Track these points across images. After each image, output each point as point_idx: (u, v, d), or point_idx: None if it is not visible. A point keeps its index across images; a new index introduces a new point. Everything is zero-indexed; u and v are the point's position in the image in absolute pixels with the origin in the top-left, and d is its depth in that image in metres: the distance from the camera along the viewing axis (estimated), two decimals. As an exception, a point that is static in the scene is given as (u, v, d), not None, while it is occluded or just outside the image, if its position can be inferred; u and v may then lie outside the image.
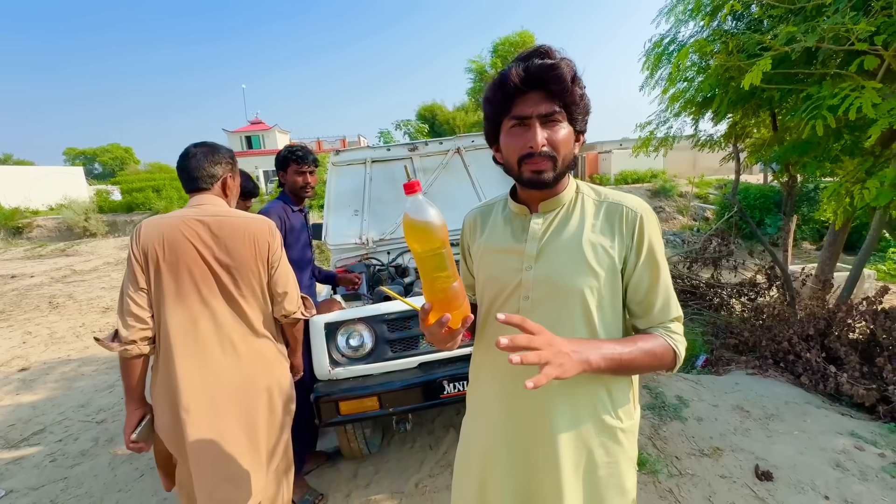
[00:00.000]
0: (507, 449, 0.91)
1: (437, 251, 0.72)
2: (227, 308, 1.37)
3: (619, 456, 0.88)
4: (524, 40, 15.43)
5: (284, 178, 2.14)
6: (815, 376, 2.86)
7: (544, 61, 0.75)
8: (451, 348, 0.83)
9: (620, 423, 0.88)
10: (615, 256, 0.82)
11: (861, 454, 2.12)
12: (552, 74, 0.75)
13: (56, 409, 3.23)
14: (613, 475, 0.87)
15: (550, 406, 0.86)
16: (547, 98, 0.77)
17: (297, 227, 2.13)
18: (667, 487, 1.99)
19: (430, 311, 0.75)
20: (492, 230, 0.94)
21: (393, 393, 1.86)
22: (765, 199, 11.46)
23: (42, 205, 17.14)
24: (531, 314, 0.84)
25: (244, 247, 1.35)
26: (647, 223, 0.83)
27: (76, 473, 2.43)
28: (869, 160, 3.05)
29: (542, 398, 0.86)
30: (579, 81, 0.79)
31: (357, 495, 2.10)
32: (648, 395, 2.76)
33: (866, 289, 5.92)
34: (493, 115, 0.83)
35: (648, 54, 4.11)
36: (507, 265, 0.88)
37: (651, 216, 0.85)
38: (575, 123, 0.81)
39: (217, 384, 1.35)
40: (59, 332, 5.12)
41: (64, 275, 8.54)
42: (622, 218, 0.83)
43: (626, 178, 17.96)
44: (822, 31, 2.30)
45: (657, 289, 0.83)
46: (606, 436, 0.87)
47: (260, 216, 1.45)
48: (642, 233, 0.83)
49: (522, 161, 0.80)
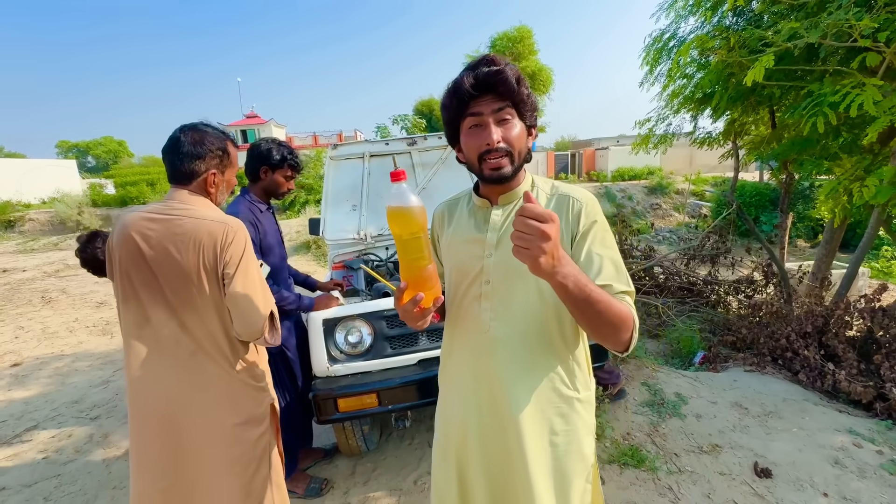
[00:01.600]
0: (477, 422, 0.98)
1: (416, 235, 0.80)
2: (168, 319, 1.22)
3: (577, 424, 0.95)
4: (521, 35, 15.34)
5: (266, 174, 1.92)
6: (813, 373, 2.88)
7: (491, 68, 0.86)
8: (421, 327, 0.91)
9: (577, 393, 0.96)
10: (565, 240, 0.90)
11: (859, 451, 2.12)
12: (499, 78, 0.85)
13: (49, 405, 3.19)
14: (573, 442, 0.95)
15: (512, 379, 0.93)
16: (497, 99, 0.87)
17: (271, 229, 1.93)
18: (666, 484, 1.99)
19: (406, 290, 0.83)
20: (458, 222, 1.03)
21: (392, 390, 1.84)
22: (760, 197, 11.52)
23: (34, 198, 16.92)
24: (492, 297, 0.94)
25: (187, 253, 1.19)
26: (591, 210, 0.93)
27: (70, 470, 2.40)
28: (868, 158, 3.06)
29: (505, 372, 0.94)
30: (524, 82, 0.89)
31: (355, 492, 2.09)
32: (647, 392, 2.77)
33: (861, 286, 5.97)
34: (452, 120, 0.92)
35: (648, 50, 4.09)
36: (471, 253, 0.97)
37: (594, 204, 0.94)
38: (525, 119, 0.91)
39: (152, 402, 1.23)
40: (52, 327, 5.06)
41: (57, 269, 8.44)
42: (569, 207, 0.93)
43: (622, 175, 17.97)
44: (825, 28, 2.28)
45: (606, 264, 0.88)
46: (565, 405, 0.94)
47: (226, 219, 1.25)
48: (588, 218, 0.91)
49: (482, 158, 0.89)
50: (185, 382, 1.24)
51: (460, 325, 1.00)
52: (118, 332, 4.76)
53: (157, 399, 1.24)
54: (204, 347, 1.24)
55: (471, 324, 0.97)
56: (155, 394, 1.24)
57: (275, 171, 1.93)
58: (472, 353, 0.98)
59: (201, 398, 1.25)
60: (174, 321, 1.23)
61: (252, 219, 1.81)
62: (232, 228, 1.24)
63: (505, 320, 0.93)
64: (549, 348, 0.94)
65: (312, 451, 2.32)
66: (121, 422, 2.87)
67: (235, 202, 1.88)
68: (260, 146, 1.92)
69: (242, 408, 1.31)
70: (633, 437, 2.35)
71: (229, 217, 1.28)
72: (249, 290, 1.23)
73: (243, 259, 1.24)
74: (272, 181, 1.94)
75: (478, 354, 0.96)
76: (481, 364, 0.96)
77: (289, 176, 1.98)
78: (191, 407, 1.25)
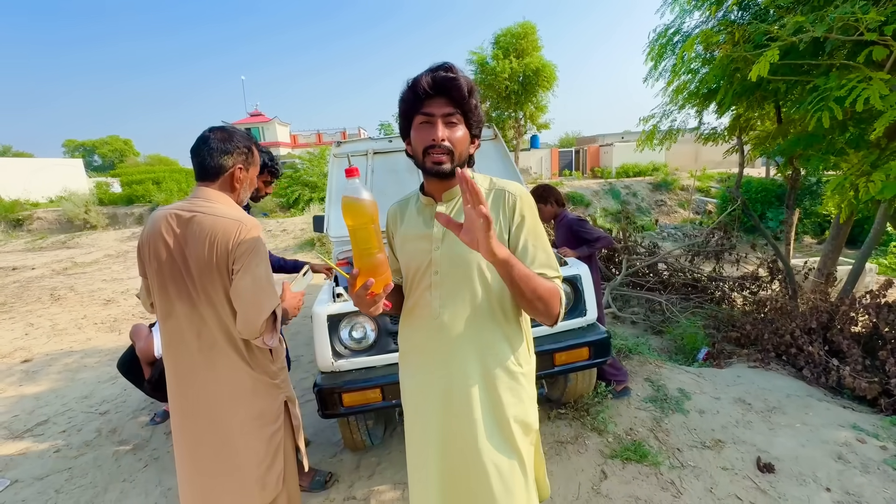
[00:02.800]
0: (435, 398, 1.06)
1: (367, 226, 0.88)
2: (190, 312, 1.28)
3: (522, 395, 1.06)
4: (525, 31, 15.24)
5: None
6: (818, 369, 2.87)
7: (447, 74, 0.95)
8: (373, 313, 0.96)
9: (521, 368, 1.07)
10: (502, 231, 1.01)
11: (863, 447, 2.12)
12: (453, 84, 0.95)
13: (59, 400, 3.24)
14: (520, 413, 1.05)
15: (463, 358, 1.03)
16: (448, 103, 0.96)
17: None
18: (668, 479, 2.00)
19: (358, 277, 0.90)
20: (408, 220, 1.13)
21: (396, 385, 1.86)
22: (766, 193, 11.42)
23: (42, 197, 17.08)
24: (441, 286, 1.04)
25: (203, 249, 1.24)
26: (524, 203, 1.03)
27: (80, 464, 2.45)
28: (875, 153, 3.03)
29: (456, 352, 1.04)
30: (475, 95, 0.99)
31: (360, 486, 2.11)
32: (650, 387, 2.77)
33: (867, 283, 5.92)
34: (406, 113, 1.01)
35: (652, 45, 4.06)
36: (421, 248, 1.07)
37: (527, 198, 1.04)
38: (471, 128, 1.01)
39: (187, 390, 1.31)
40: (61, 323, 5.13)
41: (65, 267, 8.54)
42: (504, 200, 1.03)
43: (627, 171, 17.85)
44: (831, 21, 2.26)
45: (539, 254, 1.00)
46: (511, 380, 1.05)
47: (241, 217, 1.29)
48: (522, 211, 1.02)
49: (426, 152, 0.97)
50: (204, 374, 1.30)
51: (416, 311, 1.10)
52: (126, 329, 4.82)
53: (182, 389, 1.31)
54: (221, 341, 1.30)
55: (424, 310, 1.07)
56: (181, 383, 1.31)
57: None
58: (426, 336, 1.07)
59: (218, 390, 1.31)
60: (196, 314, 1.28)
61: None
62: (245, 227, 1.28)
63: (453, 306, 1.03)
64: (493, 328, 1.04)
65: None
66: (129, 417, 2.92)
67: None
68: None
69: (256, 403, 1.35)
70: (635, 432, 2.36)
71: (246, 215, 1.32)
72: (252, 288, 1.25)
73: (251, 257, 1.27)
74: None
75: (432, 338, 1.06)
76: (435, 346, 1.06)
77: (267, 181, 1.96)
78: (209, 399, 1.30)
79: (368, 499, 2.02)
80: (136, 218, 14.93)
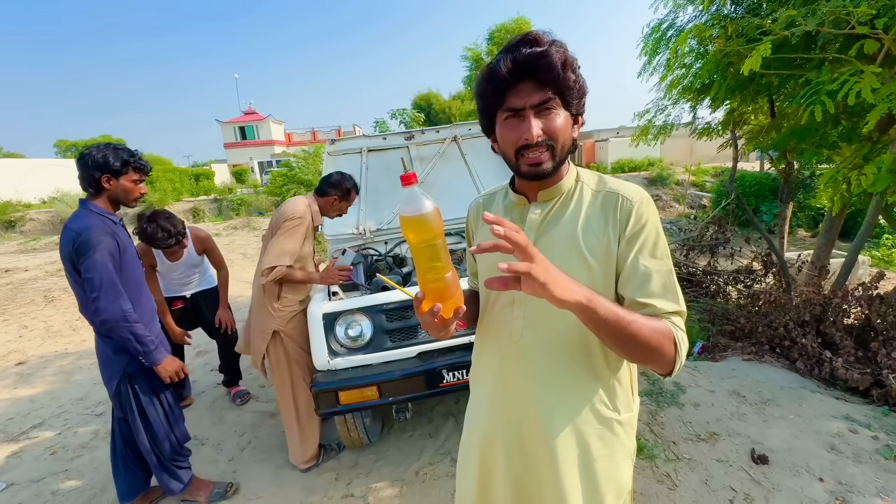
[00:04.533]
0: (505, 433, 0.91)
1: (432, 242, 0.73)
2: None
3: (615, 448, 0.87)
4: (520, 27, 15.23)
5: (110, 182, 1.71)
6: (811, 361, 2.89)
7: (533, 49, 0.73)
8: (444, 337, 0.83)
9: (618, 415, 0.87)
10: (609, 247, 0.80)
11: (855, 437, 2.15)
12: (542, 63, 0.73)
13: (55, 402, 3.23)
14: (610, 469, 0.86)
15: (545, 394, 0.86)
16: (538, 87, 0.75)
17: (130, 242, 1.80)
18: (664, 472, 2.02)
19: (423, 301, 0.75)
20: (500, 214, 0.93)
21: (392, 382, 1.86)
22: (760, 187, 11.48)
23: (34, 198, 16.92)
24: (526, 303, 0.85)
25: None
26: (644, 212, 0.80)
27: (77, 466, 2.44)
28: (867, 146, 3.05)
29: (537, 385, 0.86)
30: (572, 64, 0.75)
31: (358, 483, 2.12)
32: (646, 381, 2.79)
33: (861, 275, 5.96)
34: (486, 109, 0.82)
35: (646, 40, 4.06)
36: (505, 256, 0.88)
37: (648, 205, 0.82)
38: (570, 108, 0.78)
39: None
40: (56, 325, 5.10)
41: (59, 268, 8.47)
42: (617, 207, 0.81)
43: (622, 167, 17.90)
44: (823, 15, 2.27)
45: (652, 279, 0.77)
46: (604, 427, 0.85)
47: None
48: (638, 222, 0.79)
49: (520, 153, 0.79)
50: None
51: (492, 329, 0.93)
52: (121, 329, 4.80)
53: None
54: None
55: (502, 329, 0.90)
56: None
57: (118, 177, 1.72)
58: (501, 360, 0.91)
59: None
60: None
61: (110, 231, 1.67)
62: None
63: (538, 329, 0.85)
64: (586, 362, 0.84)
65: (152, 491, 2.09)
66: (126, 417, 2.91)
67: (79, 216, 1.68)
68: (92, 155, 1.70)
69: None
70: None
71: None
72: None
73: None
74: (120, 189, 1.73)
75: (508, 362, 0.89)
76: (511, 373, 0.88)
77: (136, 180, 1.77)
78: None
79: (366, 496, 2.03)
80: (130, 218, 14.81)
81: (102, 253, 1.60)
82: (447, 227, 3.00)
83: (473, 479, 0.96)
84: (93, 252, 1.58)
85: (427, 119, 22.76)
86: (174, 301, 2.77)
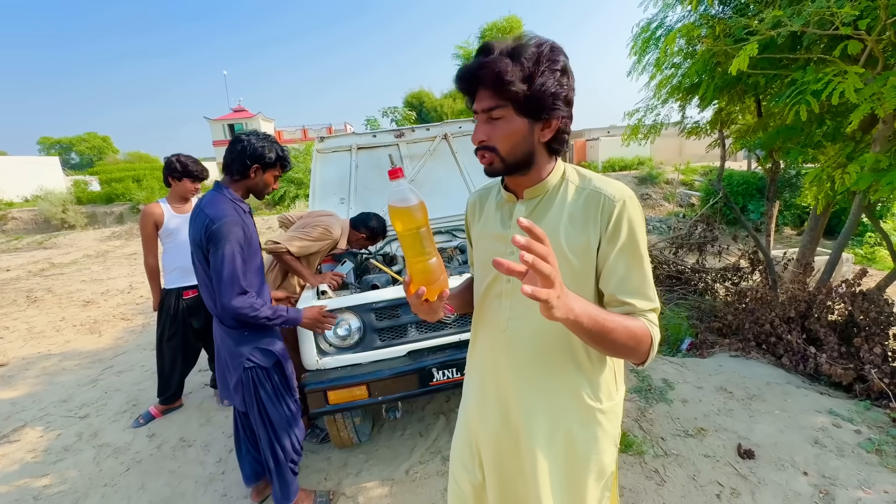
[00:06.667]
0: (493, 418, 0.96)
1: (416, 231, 0.81)
2: None
3: (597, 433, 0.90)
4: (511, 25, 15.25)
5: (257, 173, 1.73)
6: (796, 357, 2.94)
7: (479, 59, 0.77)
8: (431, 319, 0.91)
9: (599, 403, 0.90)
10: (589, 244, 0.83)
11: (838, 431, 2.19)
12: (483, 73, 0.77)
13: (37, 404, 3.15)
14: (592, 453, 0.90)
15: (527, 382, 0.91)
16: (490, 95, 0.78)
17: (255, 232, 1.78)
18: (653, 468, 2.04)
19: (410, 284, 0.83)
20: (486, 216, 0.99)
21: (382, 381, 1.85)
22: (747, 186, 11.64)
23: (16, 196, 16.55)
24: (512, 295, 0.91)
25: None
26: (626, 211, 0.81)
27: (59, 469, 2.39)
28: (850, 145, 3.10)
29: (520, 373, 0.91)
30: (524, 73, 0.75)
31: (348, 483, 2.10)
32: (635, 378, 2.81)
33: (844, 272, 6.08)
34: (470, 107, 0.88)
35: (636, 39, 4.08)
36: (496, 250, 0.92)
37: (631, 204, 0.82)
38: (529, 113, 0.79)
39: None
40: (38, 326, 4.99)
41: (42, 268, 8.30)
42: (599, 206, 0.83)
43: (613, 166, 18.04)
44: (808, 15, 2.30)
45: (631, 277, 0.81)
46: (585, 414, 0.89)
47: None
48: (619, 221, 0.81)
49: (476, 153, 0.85)
50: None
51: (483, 319, 0.99)
52: (106, 330, 4.71)
53: None
54: None
55: (491, 319, 0.95)
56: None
57: (266, 170, 1.74)
58: (491, 348, 0.96)
59: None
60: None
61: (240, 221, 1.63)
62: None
63: (522, 321, 0.89)
64: (568, 354, 0.88)
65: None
66: (111, 420, 2.86)
67: (215, 200, 1.65)
68: (251, 142, 1.69)
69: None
70: (621, 422, 2.39)
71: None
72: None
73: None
74: (261, 181, 1.75)
75: (496, 350, 0.95)
76: (498, 360, 0.94)
77: (277, 175, 1.82)
78: None
79: (356, 496, 2.02)
80: (117, 217, 14.57)
81: (233, 244, 1.57)
82: (438, 225, 2.99)
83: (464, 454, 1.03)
84: (224, 244, 1.55)
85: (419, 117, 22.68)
86: (185, 290, 2.68)
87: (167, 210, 2.62)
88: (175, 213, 2.63)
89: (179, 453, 2.46)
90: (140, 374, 3.53)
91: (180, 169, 2.56)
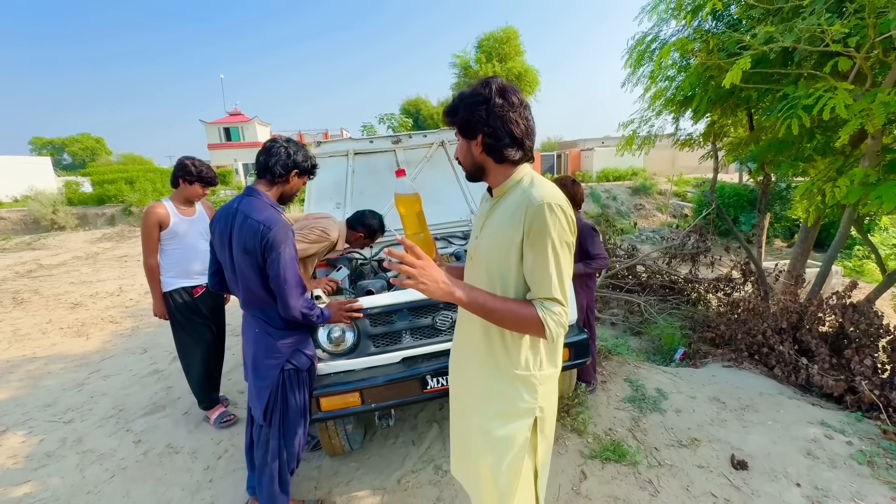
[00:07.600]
0: (454, 371, 1.30)
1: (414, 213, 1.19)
2: None
3: (507, 393, 1.12)
4: (508, 36, 15.46)
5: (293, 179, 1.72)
6: (788, 368, 2.96)
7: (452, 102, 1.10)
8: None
9: (515, 369, 1.11)
10: (514, 239, 1.03)
11: (830, 442, 2.19)
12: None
13: (20, 409, 3.08)
14: (501, 408, 1.13)
15: (470, 345, 1.20)
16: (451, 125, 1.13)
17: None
18: (646, 478, 2.03)
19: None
20: (481, 207, 1.24)
21: (375, 388, 1.83)
22: (739, 198, 11.81)
23: (6, 196, 16.33)
24: (470, 270, 1.18)
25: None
26: (542, 214, 0.98)
27: (41, 476, 2.32)
28: (840, 159, 3.16)
29: (465, 337, 1.22)
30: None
31: (338, 492, 2.07)
32: (629, 387, 2.81)
33: (834, 284, 6.16)
34: None
35: (631, 52, 4.15)
36: (473, 233, 1.21)
37: (549, 209, 0.98)
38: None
39: None
40: (24, 328, 4.89)
41: (30, 269, 8.15)
42: (525, 207, 1.01)
43: (607, 175, 18.21)
44: (799, 32, 2.35)
45: (536, 269, 1.01)
46: (502, 373, 1.13)
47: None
48: (533, 221, 0.99)
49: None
50: None
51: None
52: (94, 333, 4.63)
53: None
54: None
55: None
56: None
57: (300, 176, 1.73)
58: (460, 318, 1.26)
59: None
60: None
61: (289, 226, 1.65)
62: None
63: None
64: (491, 326, 1.11)
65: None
66: (96, 425, 2.79)
67: (259, 206, 1.61)
68: (291, 148, 1.69)
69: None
70: (615, 432, 2.38)
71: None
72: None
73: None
74: (297, 186, 1.75)
75: (461, 321, 1.24)
76: (459, 330, 1.26)
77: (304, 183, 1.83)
78: None
79: (347, 505, 1.98)
80: (108, 219, 14.40)
81: (291, 248, 1.60)
82: (435, 232, 2.99)
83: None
84: (285, 248, 1.57)
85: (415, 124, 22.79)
86: (195, 288, 2.63)
87: (172, 211, 2.56)
88: (180, 215, 2.59)
89: (166, 460, 2.41)
90: (127, 378, 3.46)
91: (195, 173, 2.51)
